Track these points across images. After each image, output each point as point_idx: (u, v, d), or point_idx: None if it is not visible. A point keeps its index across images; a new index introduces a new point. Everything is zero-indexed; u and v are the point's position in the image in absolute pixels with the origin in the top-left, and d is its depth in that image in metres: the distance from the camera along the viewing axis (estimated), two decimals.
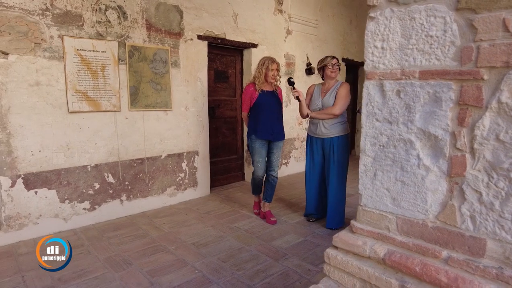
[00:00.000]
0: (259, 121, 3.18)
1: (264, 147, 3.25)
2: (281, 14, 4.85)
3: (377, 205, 1.12)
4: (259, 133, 3.18)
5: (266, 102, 3.18)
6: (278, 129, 3.26)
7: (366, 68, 1.10)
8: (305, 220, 3.37)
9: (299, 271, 2.41)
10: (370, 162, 1.12)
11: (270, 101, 3.21)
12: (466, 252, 0.94)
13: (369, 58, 1.08)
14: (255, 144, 3.23)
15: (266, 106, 3.18)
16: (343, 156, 3.06)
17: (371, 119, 1.10)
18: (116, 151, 3.38)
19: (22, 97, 2.83)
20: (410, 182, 1.04)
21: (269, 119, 3.18)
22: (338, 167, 3.05)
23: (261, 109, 3.17)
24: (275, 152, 3.31)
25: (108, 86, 3.25)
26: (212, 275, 2.35)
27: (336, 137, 3.04)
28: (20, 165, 2.86)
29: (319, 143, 3.14)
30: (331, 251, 1.19)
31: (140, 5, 3.42)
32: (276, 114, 3.25)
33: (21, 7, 2.75)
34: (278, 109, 3.28)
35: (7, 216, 2.82)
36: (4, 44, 2.70)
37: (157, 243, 2.87)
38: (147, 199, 3.65)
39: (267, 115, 3.18)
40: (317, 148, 3.16)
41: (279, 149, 3.33)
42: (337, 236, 1.19)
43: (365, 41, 1.08)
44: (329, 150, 3.06)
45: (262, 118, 3.17)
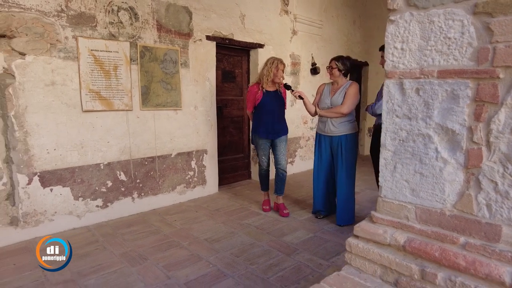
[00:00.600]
0: (261, 121, 3.35)
1: (267, 143, 3.43)
2: (286, 14, 4.93)
3: (397, 196, 1.19)
4: (261, 133, 3.36)
5: (269, 103, 3.32)
6: (279, 127, 3.40)
7: (387, 68, 1.17)
8: (314, 217, 3.44)
9: (310, 265, 2.48)
10: (390, 155, 1.19)
11: (273, 102, 3.35)
12: (483, 238, 1.01)
13: (389, 58, 1.16)
14: (258, 140, 3.42)
15: (268, 106, 3.32)
16: (351, 154, 3.13)
17: (391, 115, 1.17)
18: (128, 150, 3.45)
19: (38, 96, 2.90)
20: (429, 173, 1.11)
21: (270, 119, 3.34)
22: (346, 165, 3.13)
23: (264, 109, 3.32)
24: (279, 146, 3.43)
25: (120, 86, 3.32)
26: (227, 269, 2.42)
27: (344, 136, 3.11)
28: (36, 163, 2.93)
29: (327, 141, 3.22)
30: (352, 240, 1.27)
31: (151, 6, 3.49)
32: (278, 114, 3.39)
33: (37, 8, 2.83)
34: (280, 108, 3.41)
35: (24, 212, 2.89)
36: (21, 45, 2.77)
37: (171, 239, 2.94)
38: (157, 196, 3.72)
39: (269, 115, 3.33)
40: (326, 146, 3.24)
41: (282, 142, 3.43)
42: (358, 226, 1.27)
43: (386, 43, 1.16)
44: (337, 148, 3.13)
45: (264, 119, 3.33)
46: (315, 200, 3.43)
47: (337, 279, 1.20)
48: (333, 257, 2.62)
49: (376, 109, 2.72)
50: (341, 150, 3.12)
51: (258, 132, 3.35)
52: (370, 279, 1.19)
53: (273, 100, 3.32)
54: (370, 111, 2.82)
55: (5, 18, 2.67)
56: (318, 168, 3.36)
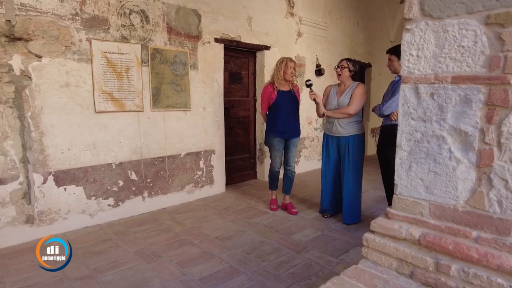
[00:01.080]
0: (276, 120, 3.39)
1: (281, 143, 3.47)
2: (292, 17, 5.01)
3: (411, 193, 1.27)
4: (277, 132, 3.41)
5: (283, 102, 3.37)
6: (294, 127, 3.48)
7: (402, 73, 1.25)
8: (321, 215, 3.51)
9: (320, 262, 2.56)
10: (406, 155, 1.27)
11: (287, 101, 3.40)
12: (494, 232, 1.09)
13: (405, 64, 1.23)
14: (273, 141, 3.46)
15: (283, 106, 3.37)
16: (358, 155, 3.21)
17: (406, 118, 1.25)
18: (139, 150, 3.53)
19: (53, 97, 2.97)
20: (442, 172, 1.19)
21: (286, 118, 3.39)
22: (353, 165, 3.20)
23: (279, 109, 3.37)
24: (292, 149, 3.52)
25: (132, 87, 3.40)
26: (239, 266, 2.49)
27: (352, 136, 3.18)
28: (51, 163, 3.00)
29: (334, 141, 3.29)
30: (369, 235, 1.34)
31: (161, 9, 3.57)
32: (292, 113, 3.46)
33: (53, 12, 2.90)
34: (294, 108, 3.47)
35: (40, 211, 2.97)
36: (38, 48, 2.85)
37: (182, 237, 3.02)
38: (167, 195, 3.80)
39: (284, 114, 3.38)
40: (333, 146, 3.31)
41: (295, 146, 3.53)
42: (374, 222, 1.34)
43: (402, 50, 1.23)
44: (345, 149, 3.21)
45: (279, 118, 3.38)
46: (323, 199, 3.51)
47: (355, 272, 1.27)
48: (342, 254, 2.69)
49: (384, 110, 2.79)
50: (348, 150, 3.19)
51: (274, 132, 3.41)
52: (387, 271, 1.27)
53: (288, 100, 3.39)
54: (378, 112, 2.89)
55: (22, 21, 2.75)
56: (326, 168, 3.43)
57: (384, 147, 2.93)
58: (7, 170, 2.79)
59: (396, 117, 2.73)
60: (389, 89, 2.96)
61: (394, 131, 2.75)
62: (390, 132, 2.80)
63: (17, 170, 2.84)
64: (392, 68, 2.87)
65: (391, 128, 2.79)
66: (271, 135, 3.46)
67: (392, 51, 2.86)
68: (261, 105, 3.53)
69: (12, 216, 2.83)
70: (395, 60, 2.82)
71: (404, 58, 1.23)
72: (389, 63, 2.89)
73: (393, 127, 2.78)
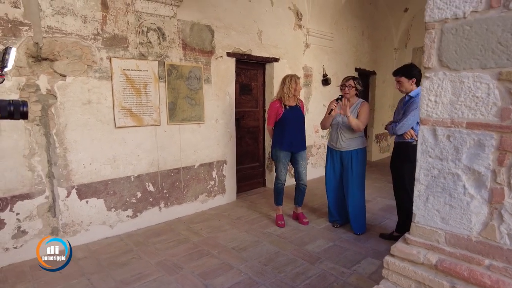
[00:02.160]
0: (284, 134, 3.53)
1: (287, 157, 3.59)
2: (300, 29, 5.14)
3: (428, 222, 1.41)
4: (284, 145, 3.53)
5: (290, 117, 3.52)
6: (300, 141, 3.61)
7: (421, 115, 1.38)
8: (331, 225, 3.66)
9: (334, 273, 2.70)
10: (423, 189, 1.41)
11: (294, 116, 3.54)
12: (505, 261, 1.23)
13: (423, 108, 1.37)
14: (280, 154, 3.57)
15: (290, 120, 3.51)
16: (361, 168, 3.39)
17: (425, 155, 1.39)
18: (156, 162, 3.67)
19: (76, 115, 3.11)
20: (457, 206, 1.33)
21: (293, 132, 3.53)
22: (357, 178, 3.38)
23: (286, 123, 3.51)
24: (301, 162, 3.63)
25: (150, 103, 3.53)
26: (258, 277, 2.63)
27: (355, 150, 3.36)
28: (74, 177, 3.14)
29: (337, 155, 3.47)
30: (389, 259, 1.48)
31: (177, 26, 3.70)
32: (299, 127, 3.60)
33: (77, 33, 3.04)
34: (300, 122, 3.62)
35: (64, 223, 3.11)
36: (62, 67, 2.99)
37: (200, 247, 3.16)
38: (182, 205, 3.94)
39: (291, 129, 3.52)
40: (337, 159, 3.49)
41: (304, 159, 3.66)
42: (394, 247, 1.48)
43: (421, 95, 1.37)
44: (348, 162, 3.38)
45: (287, 132, 3.51)
46: (331, 210, 3.67)
47: None
48: (354, 265, 2.83)
49: (398, 130, 2.89)
50: (351, 164, 3.36)
51: (280, 145, 3.53)
52: None
53: (295, 114, 3.53)
54: (391, 131, 2.99)
55: (49, 43, 2.89)
56: (331, 180, 3.59)
57: (397, 162, 3.07)
58: (35, 185, 2.93)
59: (409, 136, 2.87)
60: (400, 107, 3.08)
61: (407, 148, 2.92)
62: (403, 149, 2.98)
63: (43, 185, 2.97)
64: (403, 88, 2.98)
65: (404, 146, 2.97)
66: (277, 148, 3.57)
67: (400, 72, 2.97)
68: (268, 120, 3.67)
69: (39, 229, 2.97)
70: (405, 81, 2.95)
71: (423, 102, 1.37)
72: (399, 85, 3.00)
73: (406, 145, 2.93)
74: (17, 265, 2.80)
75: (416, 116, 2.75)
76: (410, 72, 2.94)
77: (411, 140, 2.89)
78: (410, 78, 2.93)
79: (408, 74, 2.95)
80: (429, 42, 1.33)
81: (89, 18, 3.09)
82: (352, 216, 3.44)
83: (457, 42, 1.27)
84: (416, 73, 2.94)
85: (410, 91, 2.96)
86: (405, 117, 2.86)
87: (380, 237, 3.36)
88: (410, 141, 2.90)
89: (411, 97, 2.95)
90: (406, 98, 3.01)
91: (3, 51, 1.32)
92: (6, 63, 1.33)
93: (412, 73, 2.93)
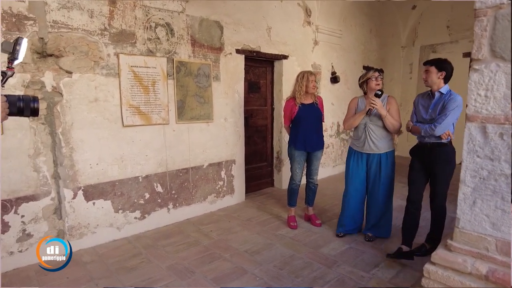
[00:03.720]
0: (298, 133, 3.41)
1: (302, 156, 3.47)
2: (309, 25, 5.03)
3: (476, 228, 1.29)
4: (298, 144, 3.41)
5: (305, 116, 3.38)
6: (316, 140, 3.47)
7: (468, 112, 1.27)
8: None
9: (353, 277, 2.59)
10: (470, 191, 1.29)
11: (309, 114, 3.40)
12: None
13: (471, 103, 1.26)
14: (294, 153, 3.46)
15: (305, 119, 3.38)
16: (391, 172, 3.10)
17: (472, 155, 1.27)
18: (165, 162, 3.55)
19: (83, 113, 2.99)
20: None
21: (307, 131, 3.39)
22: (386, 182, 3.09)
23: (300, 122, 3.39)
24: (315, 162, 3.54)
25: (158, 101, 3.42)
26: (274, 282, 2.52)
27: (384, 154, 3.07)
28: (80, 178, 3.03)
29: (364, 158, 3.15)
30: (430, 267, 1.37)
31: (186, 21, 3.59)
32: (315, 126, 3.45)
33: (83, 28, 2.92)
34: (316, 120, 3.46)
35: (70, 226, 2.99)
36: (68, 64, 2.87)
37: (211, 250, 3.04)
38: (190, 206, 3.82)
39: (306, 127, 3.38)
40: (362, 163, 3.18)
41: (318, 159, 3.55)
42: (435, 254, 1.37)
43: (469, 89, 1.26)
44: (376, 166, 3.10)
45: (301, 131, 3.39)
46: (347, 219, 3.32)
47: None
48: (373, 269, 2.72)
49: (438, 130, 2.61)
50: (380, 168, 3.09)
51: (295, 144, 3.42)
52: None
53: (310, 113, 3.39)
54: (427, 132, 2.68)
55: (54, 38, 2.77)
56: (352, 187, 3.25)
57: (438, 166, 2.72)
58: (40, 186, 2.81)
59: (446, 136, 2.63)
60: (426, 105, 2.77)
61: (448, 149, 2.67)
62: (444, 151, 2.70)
63: (49, 186, 2.86)
64: (429, 80, 2.69)
65: (444, 147, 2.70)
66: (292, 147, 3.46)
67: (431, 62, 2.70)
68: (284, 119, 3.57)
69: (44, 231, 2.85)
70: (433, 72, 2.66)
71: (471, 97, 1.25)
72: (426, 75, 2.70)
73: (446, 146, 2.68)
74: (22, 270, 2.69)
75: (457, 115, 2.57)
76: (441, 64, 2.66)
77: (446, 140, 2.66)
78: (440, 70, 2.64)
79: (439, 65, 2.66)
80: (479, 31, 1.22)
81: (96, 13, 2.98)
82: (375, 219, 3.20)
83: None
84: (448, 68, 2.65)
85: (435, 85, 2.67)
86: (445, 116, 2.56)
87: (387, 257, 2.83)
88: (446, 141, 2.67)
89: (442, 94, 2.66)
90: (436, 96, 2.69)
91: (13, 41, 1.20)
92: (17, 55, 1.21)
93: (443, 65, 2.65)
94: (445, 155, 2.71)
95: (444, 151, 2.70)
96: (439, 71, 2.65)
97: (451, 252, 1.36)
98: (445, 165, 2.70)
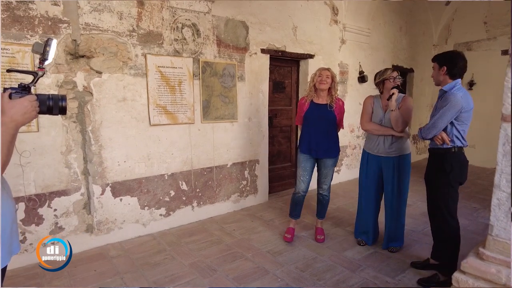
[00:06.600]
0: (303, 134, 3.13)
1: (308, 161, 3.11)
2: (336, 24, 4.94)
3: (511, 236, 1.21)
4: (303, 147, 3.12)
5: (313, 116, 3.06)
6: (325, 146, 3.04)
7: (505, 112, 1.19)
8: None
9: (377, 282, 2.51)
10: (505, 197, 1.21)
11: (319, 115, 3.04)
12: None
13: (508, 102, 1.18)
14: (300, 157, 3.15)
15: (313, 119, 3.06)
16: (406, 177, 2.91)
17: (507, 158, 1.19)
18: (190, 161, 3.60)
19: (112, 112, 3.09)
20: None
21: (314, 133, 3.04)
22: (401, 188, 2.91)
23: (307, 122, 3.09)
24: (323, 170, 3.13)
25: (184, 100, 3.47)
26: (295, 284, 2.49)
27: (398, 157, 2.87)
28: (108, 175, 3.12)
29: (377, 161, 2.96)
30: (460, 276, 1.30)
31: (211, 22, 3.62)
32: (324, 130, 3.04)
33: (113, 30, 3.01)
34: (327, 124, 3.04)
35: (98, 221, 3.09)
36: (98, 64, 2.97)
37: (233, 249, 3.05)
38: (214, 205, 3.86)
39: (313, 129, 3.05)
40: (375, 167, 2.98)
41: (327, 168, 3.10)
42: (466, 262, 1.30)
43: (505, 87, 1.18)
44: (390, 171, 2.90)
45: (306, 132, 3.09)
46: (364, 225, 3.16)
47: None
48: (398, 275, 2.63)
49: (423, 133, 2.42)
50: (394, 172, 2.89)
51: (300, 146, 3.13)
52: None
53: (320, 113, 3.03)
54: (420, 135, 2.49)
55: (86, 40, 2.87)
56: (365, 191, 3.09)
57: (431, 174, 2.52)
58: (71, 182, 2.93)
59: (440, 141, 2.36)
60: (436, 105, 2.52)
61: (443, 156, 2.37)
62: (437, 158, 2.45)
63: (79, 182, 2.97)
64: (433, 78, 2.49)
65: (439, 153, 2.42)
66: (299, 150, 3.16)
67: (434, 57, 2.47)
68: (296, 117, 3.33)
69: (74, 225, 2.97)
70: (435, 68, 2.44)
71: (508, 96, 1.17)
72: (434, 72, 2.49)
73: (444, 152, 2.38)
74: None
75: (449, 115, 2.26)
76: (443, 59, 2.38)
77: (450, 146, 2.34)
78: (441, 66, 2.37)
79: (441, 60, 2.39)
80: None
81: (125, 15, 3.06)
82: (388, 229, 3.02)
83: None
84: (450, 61, 2.35)
85: (441, 83, 2.43)
86: (433, 118, 2.34)
87: (412, 266, 2.75)
88: (447, 147, 2.35)
89: (444, 92, 2.38)
90: (439, 94, 2.47)
91: (44, 42, 1.25)
92: (47, 55, 1.26)
93: (445, 60, 2.36)
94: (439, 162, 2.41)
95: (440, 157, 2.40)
96: (440, 67, 2.40)
97: (483, 261, 1.28)
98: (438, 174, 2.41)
